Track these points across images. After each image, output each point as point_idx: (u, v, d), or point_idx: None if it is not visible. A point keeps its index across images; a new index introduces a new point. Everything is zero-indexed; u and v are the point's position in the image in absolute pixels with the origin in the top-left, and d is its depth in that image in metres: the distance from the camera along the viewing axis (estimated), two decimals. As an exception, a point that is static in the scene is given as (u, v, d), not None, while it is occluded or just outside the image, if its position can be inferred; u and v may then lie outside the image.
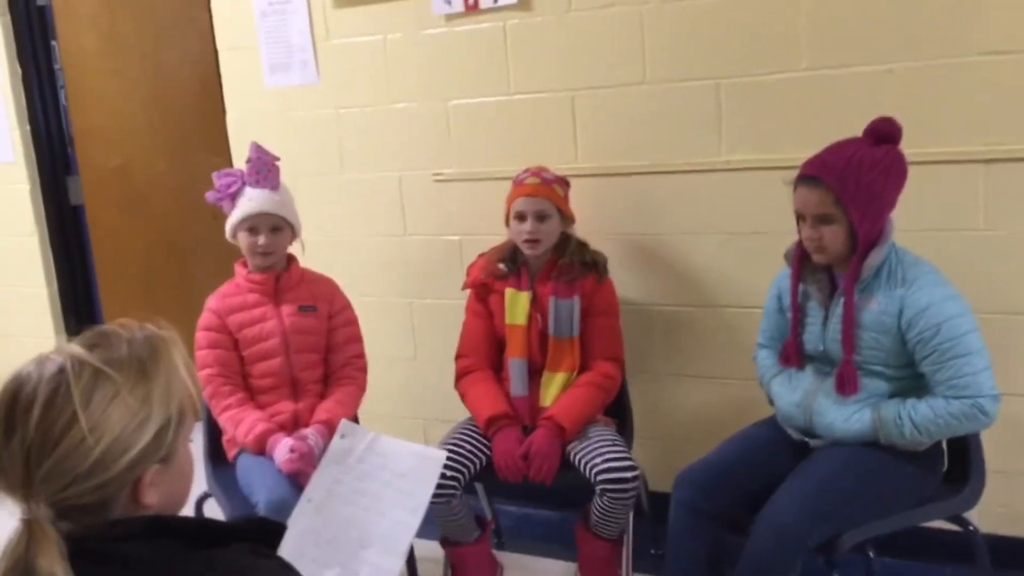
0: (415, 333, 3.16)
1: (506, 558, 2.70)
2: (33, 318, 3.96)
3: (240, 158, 3.25)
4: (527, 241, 2.42)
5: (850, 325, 1.94)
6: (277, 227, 2.38)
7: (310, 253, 2.59)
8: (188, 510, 2.34)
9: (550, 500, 2.97)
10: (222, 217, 2.45)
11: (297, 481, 2.16)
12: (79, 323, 3.98)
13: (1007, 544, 2.40)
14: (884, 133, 1.91)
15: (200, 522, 1.05)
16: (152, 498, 1.02)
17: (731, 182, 2.56)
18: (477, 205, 2.91)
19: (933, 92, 2.28)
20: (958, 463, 2.06)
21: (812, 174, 1.93)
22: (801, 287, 2.08)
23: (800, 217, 2.00)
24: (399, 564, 1.38)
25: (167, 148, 3.95)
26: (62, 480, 0.96)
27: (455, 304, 2.72)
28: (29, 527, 0.94)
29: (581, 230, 2.55)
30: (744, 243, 2.58)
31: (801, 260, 2.06)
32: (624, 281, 2.65)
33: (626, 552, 2.36)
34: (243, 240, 2.38)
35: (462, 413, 2.54)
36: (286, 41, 3.10)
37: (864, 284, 1.95)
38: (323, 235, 3.10)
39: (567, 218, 2.47)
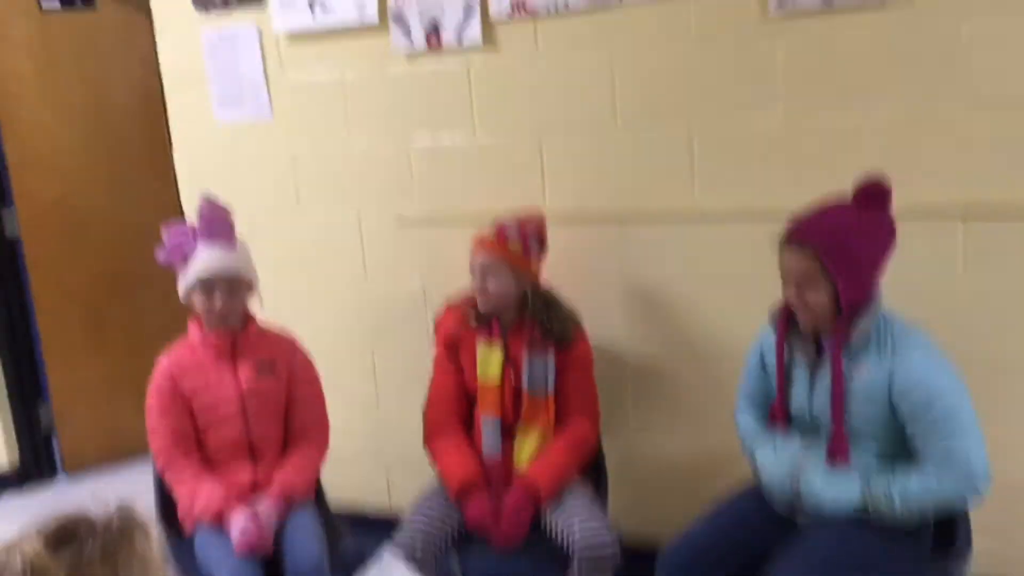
0: (376, 378, 3.04)
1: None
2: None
3: (189, 192, 3.11)
4: (477, 298, 2.33)
5: (839, 393, 1.88)
6: (235, 287, 2.25)
7: (264, 296, 2.46)
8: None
9: (526, 563, 2.87)
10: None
11: (256, 558, 2.08)
12: (15, 364, 3.77)
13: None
14: (872, 196, 1.84)
15: None
16: None
17: (707, 228, 2.49)
18: (441, 249, 2.80)
19: (913, 142, 2.23)
20: (943, 524, 2.01)
21: (797, 239, 1.87)
22: (786, 349, 2.01)
23: (784, 281, 1.93)
24: None
25: (109, 179, 3.79)
26: None
27: (418, 350, 2.61)
28: None
29: (552, 274, 2.46)
30: (722, 292, 2.51)
31: (787, 321, 2.00)
32: (598, 327, 2.56)
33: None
34: (198, 302, 2.23)
35: (426, 458, 2.43)
36: (237, 73, 2.94)
37: (853, 351, 1.89)
38: (278, 277, 2.97)
39: (525, 274, 2.34)
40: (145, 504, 2.27)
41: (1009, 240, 2.18)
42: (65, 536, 0.93)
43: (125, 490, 2.70)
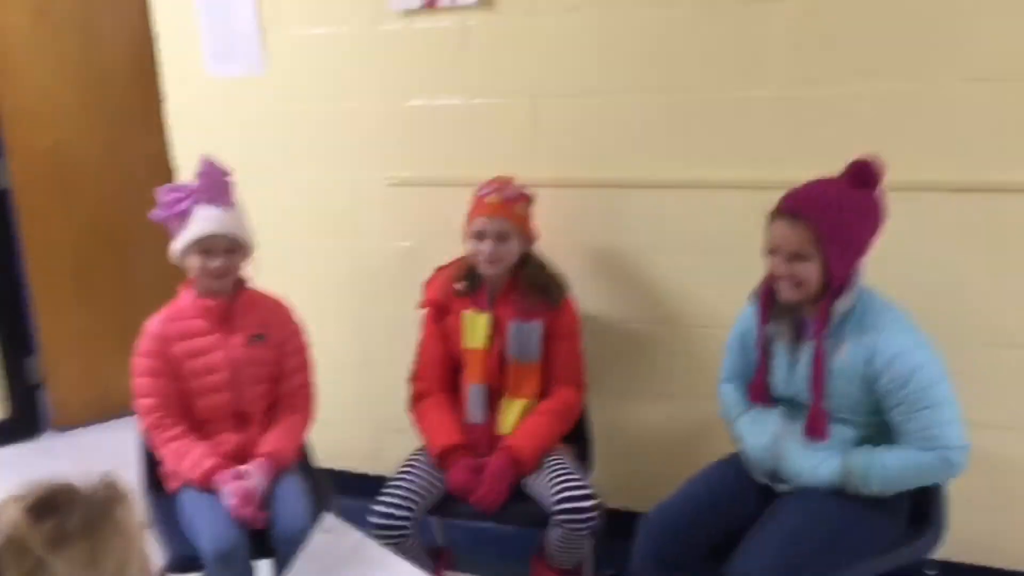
0: (366, 340, 3.04)
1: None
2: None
3: (180, 146, 3.09)
4: (485, 262, 2.31)
5: (820, 371, 1.88)
6: (232, 248, 2.22)
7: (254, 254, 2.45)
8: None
9: (507, 525, 2.90)
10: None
11: (244, 525, 2.07)
12: (5, 315, 3.76)
13: (956, 570, 2.39)
14: (865, 176, 1.83)
15: None
16: None
17: (696, 197, 2.48)
18: (433, 210, 2.78)
19: (905, 116, 2.21)
20: (920, 503, 2.03)
21: (793, 210, 1.85)
22: (767, 326, 2.01)
23: (773, 252, 1.91)
24: None
25: (101, 130, 3.76)
26: None
27: (408, 312, 2.60)
28: None
29: (541, 241, 2.45)
30: (708, 261, 2.50)
31: (769, 298, 1.99)
32: (585, 295, 2.56)
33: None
34: (194, 263, 2.21)
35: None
36: (229, 27, 2.90)
37: (832, 330, 1.89)
38: (267, 235, 2.95)
39: (527, 238, 2.36)
40: (131, 461, 2.29)
41: (1003, 214, 2.18)
42: (47, 506, 0.91)
43: (112, 447, 2.71)
